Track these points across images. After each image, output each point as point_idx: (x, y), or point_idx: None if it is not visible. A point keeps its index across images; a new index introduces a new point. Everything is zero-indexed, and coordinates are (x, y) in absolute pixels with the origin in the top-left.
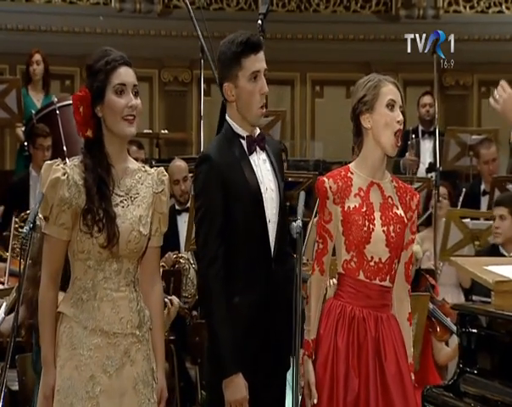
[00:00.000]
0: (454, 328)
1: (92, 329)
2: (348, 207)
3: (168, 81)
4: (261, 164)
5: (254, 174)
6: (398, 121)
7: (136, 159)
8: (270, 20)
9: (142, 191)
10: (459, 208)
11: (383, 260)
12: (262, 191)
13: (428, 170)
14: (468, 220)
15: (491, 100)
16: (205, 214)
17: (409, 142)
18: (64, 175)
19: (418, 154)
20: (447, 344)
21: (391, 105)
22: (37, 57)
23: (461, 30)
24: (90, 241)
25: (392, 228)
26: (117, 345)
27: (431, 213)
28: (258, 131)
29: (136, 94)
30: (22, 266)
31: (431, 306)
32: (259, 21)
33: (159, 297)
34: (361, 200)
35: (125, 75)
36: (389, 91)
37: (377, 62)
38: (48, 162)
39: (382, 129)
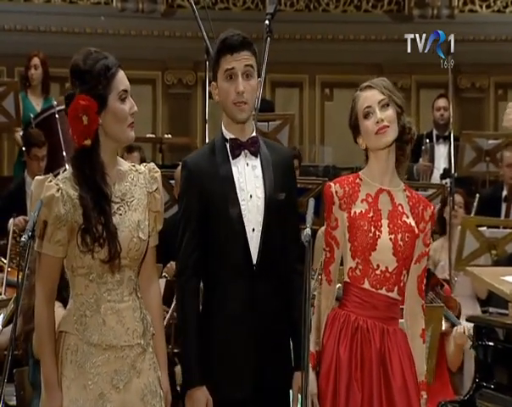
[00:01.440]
0: (456, 320)
1: (99, 345)
2: (354, 212)
3: (171, 84)
4: (247, 170)
5: (233, 181)
6: (377, 122)
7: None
8: (278, 20)
9: (137, 193)
10: (472, 215)
11: (390, 269)
12: (242, 198)
13: (443, 176)
14: (484, 229)
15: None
16: (181, 219)
17: (423, 147)
18: (58, 191)
19: (432, 160)
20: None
21: (366, 114)
22: (35, 61)
23: (477, 30)
24: (90, 256)
25: (400, 237)
26: (124, 358)
27: (446, 221)
28: (252, 134)
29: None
30: (20, 277)
31: (431, 296)
32: (267, 21)
33: (158, 297)
34: (368, 206)
35: (125, 79)
36: (363, 101)
37: (389, 63)
38: (39, 178)
39: (370, 140)
